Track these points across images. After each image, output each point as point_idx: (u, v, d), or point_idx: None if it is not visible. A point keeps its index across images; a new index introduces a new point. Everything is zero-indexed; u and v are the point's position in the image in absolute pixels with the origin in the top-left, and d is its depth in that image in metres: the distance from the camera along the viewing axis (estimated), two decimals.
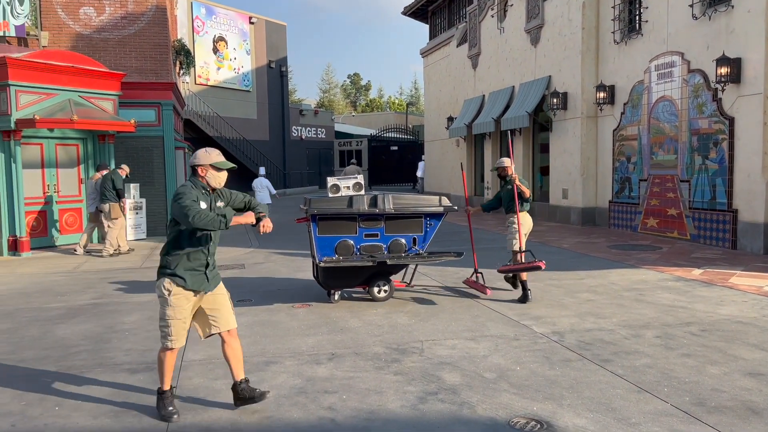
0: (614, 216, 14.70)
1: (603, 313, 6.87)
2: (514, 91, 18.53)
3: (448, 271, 9.67)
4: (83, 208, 13.58)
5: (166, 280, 4.29)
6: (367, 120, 52.54)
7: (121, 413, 4.34)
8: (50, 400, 4.59)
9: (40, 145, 12.84)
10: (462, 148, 22.96)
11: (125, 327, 6.69)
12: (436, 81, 26.19)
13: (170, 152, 15.17)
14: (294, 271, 9.94)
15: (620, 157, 14.47)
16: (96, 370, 5.27)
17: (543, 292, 8.01)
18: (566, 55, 15.74)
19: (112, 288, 8.90)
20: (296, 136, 35.39)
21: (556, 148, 16.49)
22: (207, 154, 4.34)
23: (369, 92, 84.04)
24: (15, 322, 7.01)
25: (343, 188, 7.66)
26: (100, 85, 13.29)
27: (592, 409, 4.26)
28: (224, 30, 29.98)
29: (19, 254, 12.04)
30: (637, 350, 5.53)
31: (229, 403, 4.48)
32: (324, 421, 4.17)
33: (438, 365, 5.23)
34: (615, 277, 8.96)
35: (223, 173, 4.39)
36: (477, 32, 21.14)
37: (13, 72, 11.71)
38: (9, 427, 4.15)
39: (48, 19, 14.22)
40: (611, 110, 14.74)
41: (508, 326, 6.44)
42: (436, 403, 4.44)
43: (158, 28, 14.93)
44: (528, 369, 5.10)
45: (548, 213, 16.98)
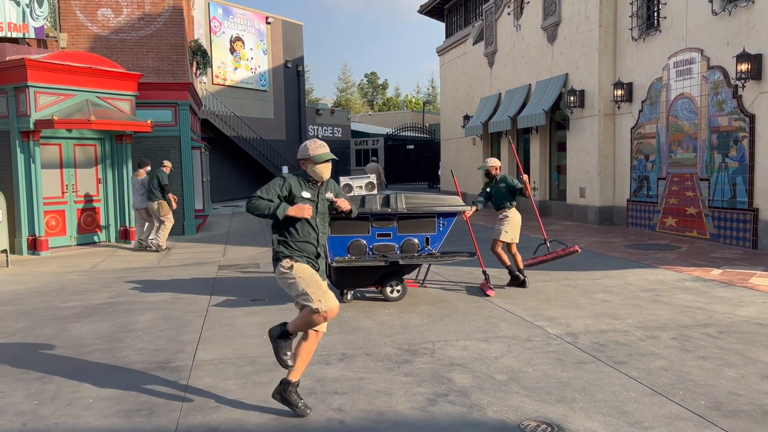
0: (632, 215, 14.52)
1: (618, 314, 6.77)
2: (531, 89, 18.38)
3: (462, 270, 9.61)
4: (101, 208, 13.72)
5: (282, 262, 4.33)
6: (383, 119, 52.53)
7: (131, 413, 4.36)
8: (62, 400, 4.63)
9: (59, 146, 12.99)
10: (478, 147, 22.84)
11: (138, 326, 6.73)
12: (452, 79, 26.08)
13: (187, 152, 15.27)
14: None
15: (638, 155, 14.28)
16: (108, 369, 5.30)
17: (558, 293, 7.92)
18: (583, 52, 15.57)
19: (128, 287, 8.97)
20: (313, 135, 35.47)
21: (573, 146, 16.33)
22: (306, 148, 4.40)
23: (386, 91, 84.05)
24: (32, 320, 7.09)
25: (355, 188, 7.64)
26: (118, 86, 13.41)
27: (605, 413, 4.19)
28: (241, 30, 30.13)
29: (38, 253, 12.19)
30: (653, 352, 5.44)
31: (238, 402, 4.48)
32: (332, 423, 4.15)
33: (449, 366, 5.18)
34: (632, 277, 8.83)
35: (322, 165, 4.37)
36: (493, 30, 21.01)
37: (32, 73, 11.86)
38: (21, 426, 4.19)
39: (66, 21, 14.38)
40: (629, 108, 14.55)
41: (521, 327, 6.37)
42: (445, 404, 4.40)
43: (175, 29, 15.03)
44: (540, 371, 5.04)
45: (565, 212, 16.82)
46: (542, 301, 7.51)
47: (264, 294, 8.25)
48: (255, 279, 9.42)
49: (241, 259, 11.49)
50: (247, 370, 5.20)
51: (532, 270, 9.49)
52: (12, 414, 4.39)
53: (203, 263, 11.05)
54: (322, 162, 4.37)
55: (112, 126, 12.70)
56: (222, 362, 5.43)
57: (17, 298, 8.35)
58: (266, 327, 6.54)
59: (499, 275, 9.08)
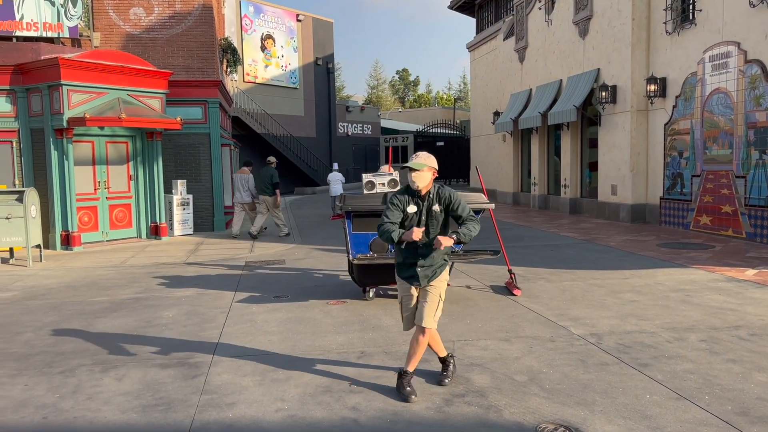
0: (665, 213, 14.18)
1: (646, 315, 6.60)
2: (562, 85, 18.08)
3: (487, 269, 9.50)
4: (132, 204, 13.95)
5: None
6: (413, 116, 52.37)
7: (148, 408, 4.40)
8: (82, 394, 4.70)
9: (91, 143, 13.24)
10: (508, 143, 22.59)
11: (162, 322, 6.80)
12: (482, 75, 25.84)
13: (216, 149, 15.43)
14: (333, 267, 9.95)
15: (672, 152, 13.93)
16: (129, 364, 5.37)
17: (584, 292, 7.76)
18: (616, 47, 15.25)
19: (155, 282, 9.09)
20: (342, 132, 35.56)
21: (605, 142, 16.01)
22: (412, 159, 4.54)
23: (417, 88, 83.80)
24: (60, 315, 7.23)
25: (378, 185, 7.60)
26: (148, 84, 13.61)
27: (626, 416, 4.07)
28: (272, 28, 30.33)
29: (71, 248, 12.46)
30: (679, 354, 5.28)
31: (254, 399, 4.48)
32: (347, 422, 4.12)
33: (468, 366, 5.11)
34: (662, 276, 8.61)
35: (415, 173, 4.46)
36: (524, 25, 20.73)
37: (66, 72, 12.11)
38: (40, 419, 4.26)
39: (100, 20, 14.64)
40: (662, 103, 14.20)
41: (544, 327, 6.25)
42: (462, 405, 4.33)
43: (205, 27, 15.18)
44: (561, 372, 4.93)
45: (596, 210, 16.52)
46: (568, 300, 7.36)
47: (287, 291, 8.28)
48: (279, 276, 9.46)
49: (267, 255, 11.55)
50: (265, 367, 5.20)
51: (560, 269, 9.34)
52: (33, 407, 4.47)
53: (230, 259, 11.14)
54: (414, 170, 4.46)
55: (142, 123, 12.89)
56: (241, 359, 5.45)
57: (48, 293, 8.54)
58: (287, 324, 6.57)
59: (525, 274, 8.95)
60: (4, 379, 5.06)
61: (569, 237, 12.86)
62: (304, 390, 4.66)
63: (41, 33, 13.16)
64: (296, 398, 4.51)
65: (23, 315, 7.25)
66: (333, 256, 11.05)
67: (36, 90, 12.56)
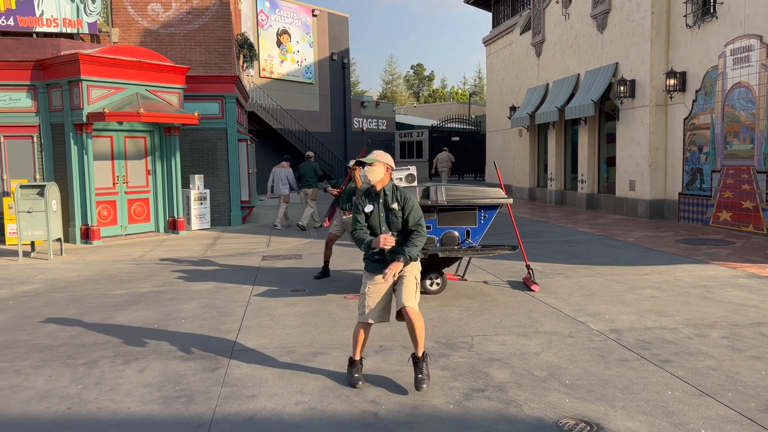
0: (684, 209, 14.04)
1: (666, 311, 6.55)
2: (579, 79, 17.94)
3: (504, 264, 9.47)
4: (150, 199, 14.06)
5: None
6: (429, 111, 52.24)
7: (170, 400, 4.44)
8: (105, 385, 4.75)
9: (110, 138, 13.36)
10: (525, 138, 22.46)
11: (182, 315, 6.86)
12: (498, 70, 25.71)
13: (233, 144, 15.51)
14: (349, 262, 9.97)
15: (691, 147, 13.78)
16: (150, 356, 5.42)
17: (603, 288, 7.71)
18: (634, 40, 15.09)
19: (174, 276, 9.17)
20: (357, 127, 35.55)
21: (623, 137, 15.87)
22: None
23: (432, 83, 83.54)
24: (81, 307, 7.32)
25: (395, 180, 7.58)
26: (166, 79, 13.70)
27: (647, 412, 4.05)
28: (288, 23, 30.37)
29: (91, 242, 12.60)
30: (701, 351, 5.23)
31: (274, 392, 4.51)
32: (366, 415, 4.13)
33: (487, 361, 5.10)
34: (682, 273, 8.53)
35: (367, 168, 4.51)
36: (541, 19, 20.58)
37: (85, 67, 12.22)
38: (65, 410, 4.32)
39: (118, 16, 14.76)
40: (682, 98, 14.04)
41: (563, 323, 6.22)
42: (482, 400, 4.33)
43: (222, 22, 15.24)
44: (581, 368, 4.90)
45: (614, 205, 16.39)
46: (586, 296, 7.32)
47: (304, 285, 8.31)
48: (296, 270, 9.50)
49: (284, 249, 11.60)
50: (285, 360, 5.23)
51: (578, 264, 9.29)
52: (58, 397, 4.53)
53: (247, 253, 11.20)
54: (365, 164, 4.52)
55: (160, 118, 12.98)
56: (261, 351, 5.48)
57: (69, 286, 8.64)
58: (305, 318, 6.60)
59: (543, 269, 8.91)
60: (29, 370, 5.13)
61: (587, 232, 12.77)
62: (324, 383, 4.69)
63: (61, 29, 13.30)
64: (316, 391, 4.53)
65: (46, 307, 7.35)
66: (348, 251, 11.07)
67: (56, 85, 12.70)
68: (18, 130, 12.90)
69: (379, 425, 3.98)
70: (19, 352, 5.61)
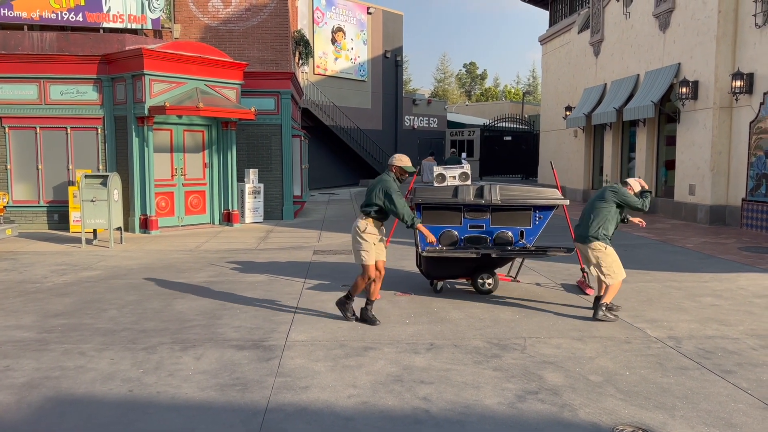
0: (747, 215, 13.50)
1: (728, 320, 6.32)
2: (639, 80, 17.46)
3: (558, 267, 9.31)
4: (206, 191, 14.40)
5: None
6: (480, 109, 51.78)
7: (226, 387, 4.55)
8: (164, 370, 4.90)
9: (170, 131, 13.73)
10: (580, 139, 22.02)
11: (236, 305, 7.01)
12: (554, 69, 25.27)
13: (287, 140, 15.73)
14: (399, 259, 9.98)
15: (757, 151, 13.24)
16: (207, 344, 5.56)
17: (661, 294, 7.50)
18: (699, 40, 14.59)
19: (229, 267, 9.37)
20: (408, 125, 35.53)
21: (684, 140, 15.38)
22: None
23: (485, 81, 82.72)
24: (140, 294, 7.56)
25: (449, 178, 7.56)
26: (224, 75, 14.00)
27: (709, 423, 3.92)
28: (342, 21, 30.58)
29: (149, 232, 12.99)
30: (766, 363, 5.03)
31: (327, 384, 4.56)
32: (418, 411, 4.14)
33: (540, 364, 5.03)
34: (744, 281, 8.22)
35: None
36: (600, 18, 20.12)
37: (148, 62, 12.60)
38: (127, 392, 4.47)
39: (180, 13, 15.15)
40: (748, 100, 13.50)
41: (619, 328, 6.08)
42: (535, 402, 4.28)
43: (279, 20, 15.47)
44: (638, 374, 4.78)
45: (672, 210, 15.90)
46: (643, 302, 7.14)
47: None
48: (346, 265, 9.57)
49: (334, 245, 11.71)
50: (336, 353, 5.28)
51: (634, 269, 9.06)
52: (120, 380, 4.70)
53: (299, 247, 11.35)
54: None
55: (218, 113, 13.27)
56: (313, 344, 5.55)
57: (129, 273, 8.94)
58: (356, 312, 6.63)
59: None
60: (93, 352, 5.33)
61: (643, 237, 12.44)
62: (376, 378, 4.71)
63: (126, 24, 13.74)
64: (368, 385, 4.56)
65: (107, 293, 7.62)
66: (398, 248, 11.08)
67: (120, 79, 13.13)
68: (84, 122, 13.41)
69: (431, 422, 3.98)
70: (84, 335, 5.84)
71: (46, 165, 13.47)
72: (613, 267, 6.39)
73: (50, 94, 13.30)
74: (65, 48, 13.18)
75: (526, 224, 7.38)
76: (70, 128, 13.40)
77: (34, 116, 13.33)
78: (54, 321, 6.34)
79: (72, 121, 13.37)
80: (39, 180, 13.52)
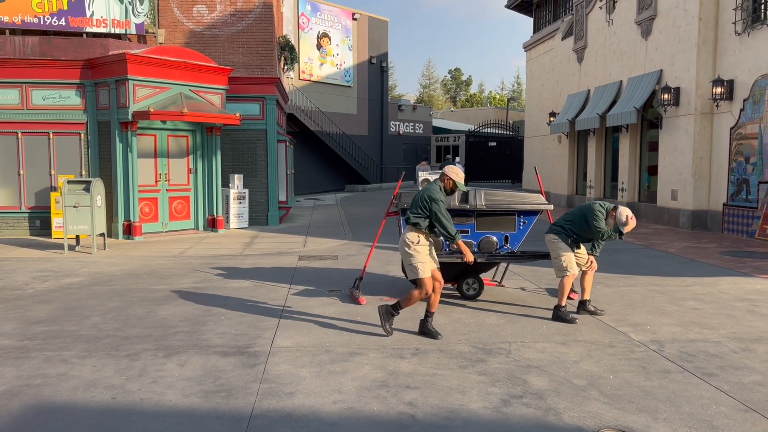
0: (728, 220, 13.68)
1: (710, 324, 6.39)
2: (622, 86, 17.66)
3: (543, 271, 9.36)
4: (191, 197, 14.32)
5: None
6: (465, 115, 52.03)
7: (210, 394, 4.52)
8: (148, 377, 4.86)
9: (154, 136, 13.65)
10: (564, 145, 22.20)
11: (221, 311, 6.97)
12: (538, 76, 25.47)
13: (273, 145, 15.69)
14: (384, 264, 9.98)
15: (737, 157, 13.43)
16: (191, 351, 5.52)
17: (644, 298, 7.57)
18: (680, 47, 14.79)
19: (213, 273, 9.32)
20: (394, 131, 35.60)
21: (666, 146, 15.56)
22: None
23: (469, 87, 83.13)
24: (124, 301, 7.50)
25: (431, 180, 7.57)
26: (209, 80, 13.95)
27: (691, 426, 3.96)
28: (328, 26, 30.61)
29: (132, 238, 12.89)
30: (747, 366, 5.09)
31: (312, 390, 4.55)
32: (403, 417, 4.14)
33: (525, 368, 5.06)
34: (726, 285, 8.32)
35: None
36: (583, 25, 20.33)
37: (132, 67, 12.52)
38: (110, 399, 4.42)
39: (164, 17, 15.09)
40: (729, 107, 13.70)
41: (603, 332, 6.13)
42: (520, 406, 4.29)
43: (265, 25, 15.45)
44: (622, 378, 4.82)
45: (655, 215, 16.07)
46: (627, 306, 7.20)
47: (341, 285, 8.35)
48: (332, 270, 9.55)
49: (320, 250, 11.69)
50: (322, 359, 5.27)
51: (618, 274, 9.14)
52: (102, 387, 4.65)
53: (284, 253, 11.32)
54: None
55: (203, 118, 13.22)
56: (298, 350, 5.53)
57: (112, 279, 8.85)
58: (342, 318, 6.62)
59: None
60: (75, 359, 5.28)
61: (627, 242, 12.55)
62: (361, 383, 4.71)
63: (110, 29, 13.66)
64: (353, 391, 4.55)
65: (90, 300, 7.55)
66: (384, 253, 11.08)
67: (104, 84, 13.04)
68: (66, 126, 13.29)
69: (417, 427, 3.98)
70: (66, 342, 5.77)
71: (28, 170, 13.32)
72: (560, 261, 6.56)
73: (32, 99, 13.18)
74: (48, 53, 13.08)
75: (511, 229, 7.42)
76: (53, 133, 13.28)
77: (16, 121, 13.19)
78: (35, 328, 6.27)
79: (54, 126, 13.26)
80: (21, 186, 13.37)
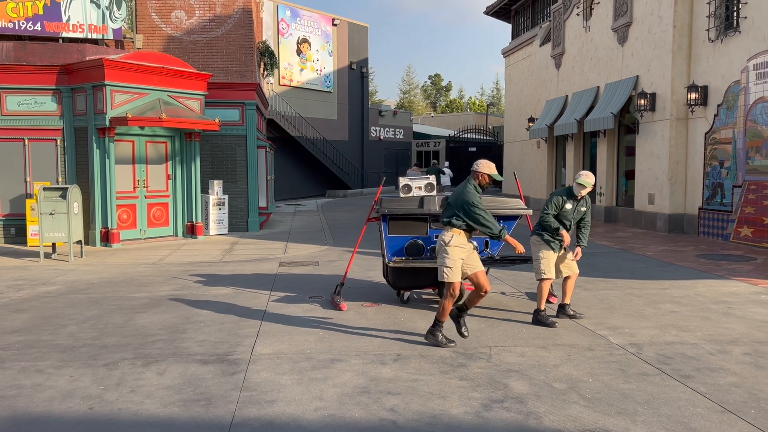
0: (704, 224, 13.89)
1: (686, 326, 6.48)
2: (599, 92, 17.87)
3: (522, 276, 9.43)
4: (170, 203, 14.19)
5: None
6: (446, 121, 52.27)
7: (189, 403, 4.47)
8: (126, 386, 4.80)
9: (132, 142, 13.51)
10: (543, 150, 22.40)
11: (201, 318, 6.91)
12: (517, 81, 25.69)
13: (253, 151, 15.62)
14: (366, 270, 9.98)
15: (712, 161, 13.65)
16: (170, 359, 5.46)
17: (622, 302, 7.65)
18: (656, 54, 15.02)
19: (193, 280, 9.24)
20: (375, 136, 35.64)
21: (643, 151, 15.77)
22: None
23: (449, 93, 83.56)
24: (101, 309, 7.40)
25: (414, 189, 7.61)
26: (188, 85, 13.86)
27: (669, 428, 4.00)
28: (308, 32, 30.59)
29: (110, 245, 12.73)
30: (723, 367, 5.17)
31: (293, 397, 4.52)
32: (385, 423, 4.13)
33: (506, 372, 5.08)
34: (702, 288, 8.44)
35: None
36: (561, 31, 20.56)
37: (109, 72, 12.39)
38: (87, 410, 4.36)
39: (142, 23, 14.97)
40: (703, 112, 13.93)
41: (582, 335, 6.18)
42: (501, 411, 4.31)
43: (244, 30, 15.40)
44: (601, 381, 4.87)
45: (633, 219, 16.27)
46: (605, 309, 7.27)
47: (321, 292, 8.33)
48: (313, 277, 9.53)
49: (300, 256, 11.65)
50: (303, 366, 5.25)
51: (596, 277, 9.23)
52: (79, 398, 4.58)
53: (264, 259, 11.26)
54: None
55: (182, 124, 13.12)
56: (279, 357, 5.50)
57: (90, 287, 8.73)
58: (323, 324, 6.60)
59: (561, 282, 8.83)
60: (51, 370, 5.19)
61: (605, 246, 12.69)
62: (342, 390, 4.69)
63: (87, 34, 13.51)
64: (334, 398, 4.54)
65: (67, 308, 7.44)
66: (365, 258, 11.08)
67: (81, 90, 12.89)
68: (42, 133, 13.11)
69: None
70: (42, 352, 5.68)
71: (2, 177, 13.09)
72: (539, 264, 6.77)
73: (7, 105, 12.97)
74: (23, 58, 12.90)
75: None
76: (28, 140, 13.08)
77: None
78: (10, 338, 6.16)
79: (30, 132, 13.06)
80: None
